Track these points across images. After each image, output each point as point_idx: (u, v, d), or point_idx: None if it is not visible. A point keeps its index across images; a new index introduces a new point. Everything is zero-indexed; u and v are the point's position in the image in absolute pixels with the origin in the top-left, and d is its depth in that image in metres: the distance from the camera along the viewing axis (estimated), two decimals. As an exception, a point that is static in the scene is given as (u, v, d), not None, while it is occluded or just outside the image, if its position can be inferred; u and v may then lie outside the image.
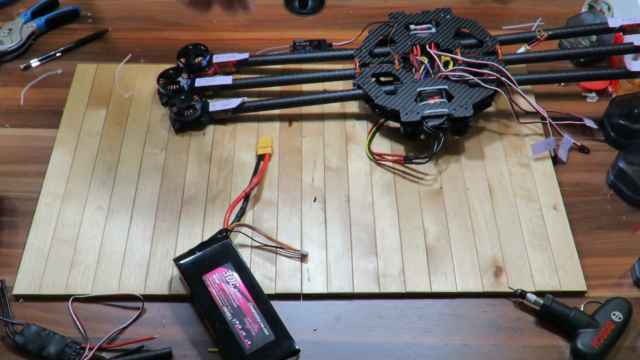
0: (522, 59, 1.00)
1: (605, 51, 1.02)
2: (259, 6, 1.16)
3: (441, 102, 0.92)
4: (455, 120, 0.91)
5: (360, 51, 0.99)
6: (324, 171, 0.95)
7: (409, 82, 0.94)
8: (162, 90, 0.99)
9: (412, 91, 0.93)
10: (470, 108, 0.91)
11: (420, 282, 0.84)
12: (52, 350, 0.76)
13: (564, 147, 0.96)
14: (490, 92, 0.93)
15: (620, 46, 1.01)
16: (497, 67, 0.94)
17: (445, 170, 0.95)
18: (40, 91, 1.04)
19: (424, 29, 1.01)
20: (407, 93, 0.93)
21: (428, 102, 0.92)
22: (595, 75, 1.00)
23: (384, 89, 0.95)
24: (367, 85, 0.95)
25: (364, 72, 0.97)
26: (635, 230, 0.90)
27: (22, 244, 0.86)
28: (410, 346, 0.79)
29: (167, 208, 0.90)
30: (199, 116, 0.97)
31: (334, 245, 0.87)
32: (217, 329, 0.76)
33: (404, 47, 0.98)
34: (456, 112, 0.91)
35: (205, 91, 1.00)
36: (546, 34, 1.00)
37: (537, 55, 1.00)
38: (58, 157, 0.95)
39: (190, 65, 1.01)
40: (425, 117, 0.91)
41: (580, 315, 0.79)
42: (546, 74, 0.99)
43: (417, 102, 0.92)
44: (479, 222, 0.89)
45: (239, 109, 0.98)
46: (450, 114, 0.91)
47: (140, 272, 0.84)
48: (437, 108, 0.91)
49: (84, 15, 1.15)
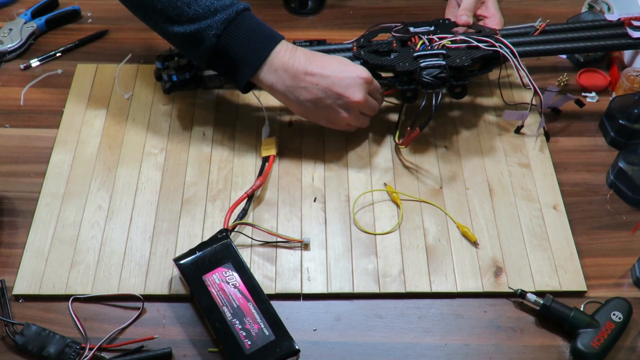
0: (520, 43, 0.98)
1: (607, 46, 0.99)
2: (259, 6, 1.16)
3: (439, 60, 0.91)
4: (453, 71, 0.90)
5: (359, 41, 0.99)
6: (324, 171, 0.95)
7: (407, 51, 0.94)
8: (159, 64, 0.98)
9: (409, 55, 0.93)
10: (468, 60, 0.90)
11: (420, 282, 0.84)
12: (52, 350, 0.76)
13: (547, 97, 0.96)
14: (489, 52, 0.92)
15: (622, 40, 0.99)
16: (496, 38, 0.93)
17: (445, 170, 0.95)
18: (40, 91, 1.04)
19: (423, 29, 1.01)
20: (404, 56, 0.93)
21: (425, 60, 0.91)
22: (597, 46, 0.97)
23: (382, 58, 0.94)
24: (365, 54, 0.94)
25: (361, 49, 0.96)
26: (635, 230, 0.90)
27: (22, 244, 0.86)
28: (410, 346, 0.80)
29: (167, 208, 0.90)
30: (192, 78, 0.96)
31: (334, 245, 0.87)
32: (217, 329, 0.76)
33: (402, 38, 0.98)
34: (454, 63, 0.90)
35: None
36: (544, 23, 0.99)
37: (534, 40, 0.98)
38: (58, 157, 0.95)
39: None
40: (422, 67, 0.90)
41: (580, 315, 0.79)
42: (544, 46, 0.97)
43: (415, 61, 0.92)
44: (479, 222, 0.89)
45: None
46: (448, 64, 0.90)
47: (140, 272, 0.84)
48: (434, 61, 0.91)
49: (84, 15, 1.15)
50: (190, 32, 0.86)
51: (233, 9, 0.86)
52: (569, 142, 0.98)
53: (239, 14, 0.86)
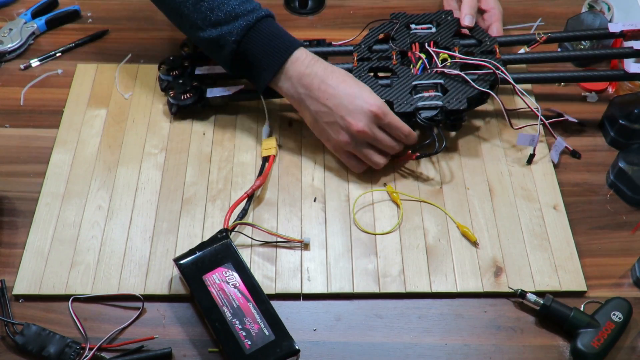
0: (520, 59, 0.99)
1: (605, 54, 1.02)
2: (259, 6, 1.17)
3: (436, 95, 0.92)
4: (449, 113, 0.91)
5: (359, 47, 0.99)
6: (324, 171, 0.95)
7: (405, 76, 0.94)
8: (162, 76, 1.00)
9: (408, 84, 0.93)
10: (464, 101, 0.91)
11: (420, 282, 0.84)
12: (52, 350, 0.76)
13: (555, 149, 0.96)
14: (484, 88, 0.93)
15: (619, 50, 1.01)
16: (493, 64, 0.94)
17: (445, 170, 0.95)
18: (40, 91, 1.04)
19: (424, 28, 1.01)
20: (402, 86, 0.93)
21: (423, 95, 0.92)
22: (594, 76, 0.99)
23: (380, 82, 0.95)
24: (364, 78, 0.95)
25: (361, 65, 0.97)
26: (635, 230, 0.90)
27: (22, 244, 0.86)
28: (410, 346, 0.79)
29: (167, 208, 0.90)
30: (196, 101, 0.97)
31: (334, 245, 0.87)
32: (217, 329, 0.76)
33: (402, 43, 0.98)
34: (450, 105, 0.91)
35: (205, 79, 1.00)
36: (545, 35, 1.00)
37: (536, 57, 1.00)
38: (58, 157, 0.95)
39: (193, 54, 1.02)
40: (419, 108, 0.91)
41: (580, 315, 0.79)
42: (544, 74, 0.99)
43: (411, 95, 0.93)
44: (479, 222, 0.89)
45: (237, 96, 0.98)
46: (443, 107, 0.91)
47: (140, 272, 0.84)
48: (431, 100, 0.91)
49: (84, 15, 1.15)
50: (213, 38, 0.87)
51: (254, 15, 0.87)
52: (569, 142, 0.98)
53: (260, 21, 0.87)
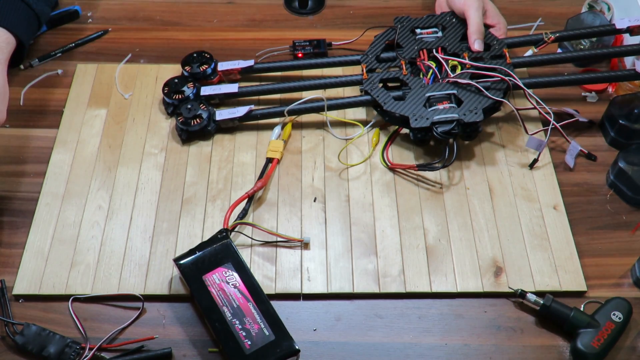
0: (529, 62, 0.99)
1: (606, 54, 1.01)
2: (259, 6, 1.16)
3: (450, 107, 0.92)
4: (465, 126, 0.91)
5: (366, 56, 0.99)
6: (324, 171, 0.95)
7: (417, 88, 0.94)
8: (167, 99, 0.99)
9: (421, 97, 0.93)
10: (480, 113, 0.91)
11: (420, 282, 0.84)
12: (52, 350, 0.76)
13: (570, 153, 0.95)
14: (498, 97, 0.92)
15: (621, 48, 1.01)
16: (505, 71, 0.94)
17: (445, 170, 0.95)
18: (40, 91, 1.04)
19: (429, 32, 1.00)
20: (415, 99, 0.93)
21: (437, 107, 0.92)
22: (604, 77, 0.99)
23: (392, 95, 0.94)
24: (375, 91, 0.94)
25: (371, 77, 0.96)
26: (635, 230, 0.90)
27: (22, 244, 0.86)
28: (410, 346, 0.80)
29: (167, 208, 0.90)
30: (206, 125, 0.96)
31: (334, 245, 0.87)
32: (217, 329, 0.76)
33: (410, 51, 0.98)
34: (466, 117, 0.90)
35: (211, 99, 1.00)
36: (553, 36, 0.99)
37: (544, 59, 0.99)
38: (58, 157, 0.95)
39: (195, 74, 1.01)
40: (435, 122, 0.90)
41: (580, 315, 0.79)
42: (553, 77, 0.98)
43: (426, 108, 0.92)
44: (479, 222, 0.89)
45: (247, 117, 0.97)
46: (460, 119, 0.90)
47: (140, 272, 0.84)
48: (446, 113, 0.91)
49: (84, 15, 1.15)
50: None
51: None
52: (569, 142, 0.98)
53: None
